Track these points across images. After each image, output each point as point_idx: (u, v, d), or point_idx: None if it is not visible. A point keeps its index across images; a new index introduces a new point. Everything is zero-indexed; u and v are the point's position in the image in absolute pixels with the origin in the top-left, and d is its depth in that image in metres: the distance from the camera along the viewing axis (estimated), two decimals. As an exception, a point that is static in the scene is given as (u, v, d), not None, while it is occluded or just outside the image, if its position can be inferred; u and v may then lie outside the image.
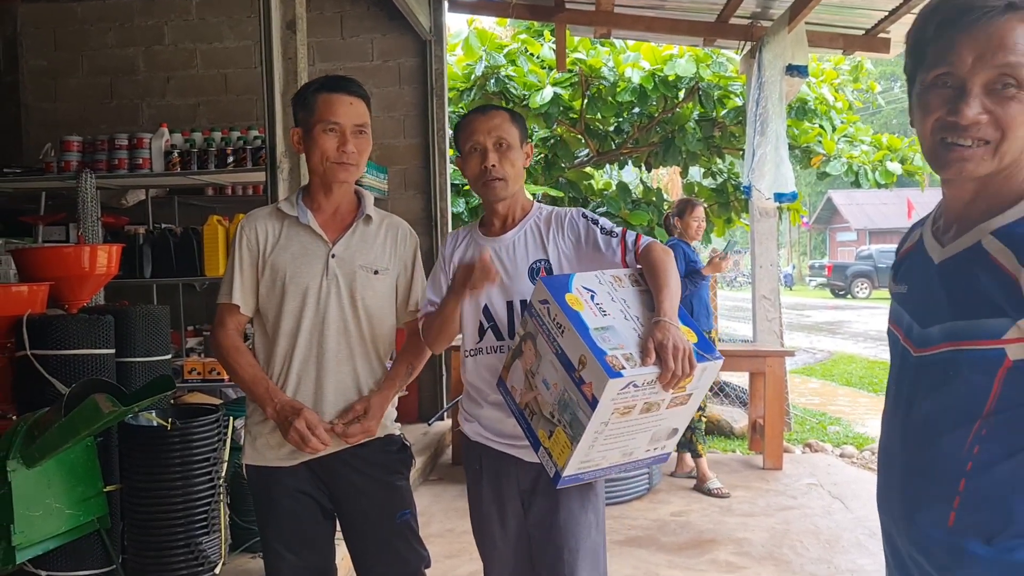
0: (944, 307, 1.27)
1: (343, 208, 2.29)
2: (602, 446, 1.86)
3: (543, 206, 2.28)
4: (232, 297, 2.24)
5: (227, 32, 6.57)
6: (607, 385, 1.72)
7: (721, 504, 4.95)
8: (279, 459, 2.24)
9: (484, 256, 2.09)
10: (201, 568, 2.99)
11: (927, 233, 1.37)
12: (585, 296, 1.91)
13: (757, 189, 5.94)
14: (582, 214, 2.20)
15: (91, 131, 5.07)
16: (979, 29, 1.19)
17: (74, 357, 2.98)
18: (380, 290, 2.27)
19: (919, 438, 1.29)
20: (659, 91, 8.40)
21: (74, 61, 6.67)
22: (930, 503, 1.26)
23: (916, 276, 1.37)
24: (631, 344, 1.83)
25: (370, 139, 2.26)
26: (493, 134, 2.17)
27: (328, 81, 2.28)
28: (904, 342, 1.36)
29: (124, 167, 4.61)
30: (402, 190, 6.70)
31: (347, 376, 2.23)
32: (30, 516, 2.63)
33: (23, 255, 3.50)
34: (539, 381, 1.91)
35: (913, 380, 1.32)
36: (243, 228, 2.27)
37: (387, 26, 6.64)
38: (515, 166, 2.20)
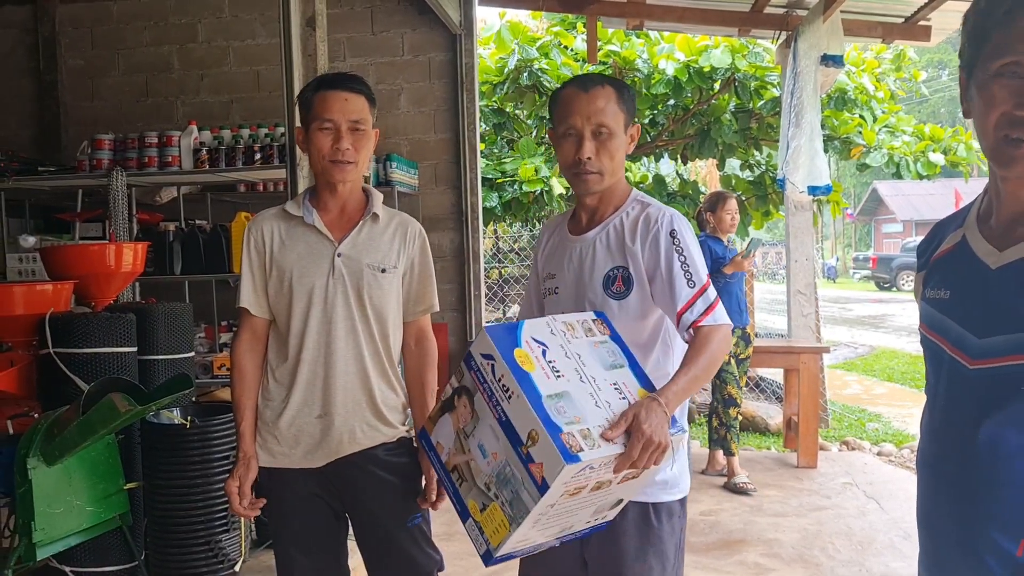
0: (1008, 316, 1.19)
1: (350, 207, 2.26)
2: (543, 526, 1.67)
3: (639, 198, 2.02)
4: (244, 301, 2.24)
5: (259, 29, 6.61)
6: (562, 471, 1.52)
7: (752, 503, 4.88)
8: (291, 461, 2.23)
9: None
10: (221, 565, 3.01)
11: (974, 235, 1.28)
12: (536, 352, 1.70)
13: (791, 182, 5.83)
14: (670, 232, 1.91)
15: (127, 129, 5.14)
16: None
17: (96, 355, 3.01)
18: (387, 288, 2.24)
19: (981, 458, 1.21)
20: (694, 83, 8.28)
21: (111, 60, 6.76)
22: (999, 530, 1.18)
23: (962, 281, 1.29)
24: (588, 415, 1.63)
25: (370, 135, 2.21)
26: (593, 120, 1.91)
27: (325, 78, 2.25)
28: (954, 353, 1.27)
29: (154, 165, 4.66)
30: (432, 185, 6.68)
31: (356, 376, 2.21)
32: (51, 513, 2.66)
33: (50, 253, 3.55)
34: (474, 445, 1.69)
35: (971, 395, 1.24)
36: (250, 231, 2.26)
37: (417, 21, 6.62)
38: (614, 158, 1.95)
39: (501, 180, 8.43)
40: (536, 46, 8.55)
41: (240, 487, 2.21)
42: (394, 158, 5.99)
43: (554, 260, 2.09)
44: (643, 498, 1.89)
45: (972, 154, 8.84)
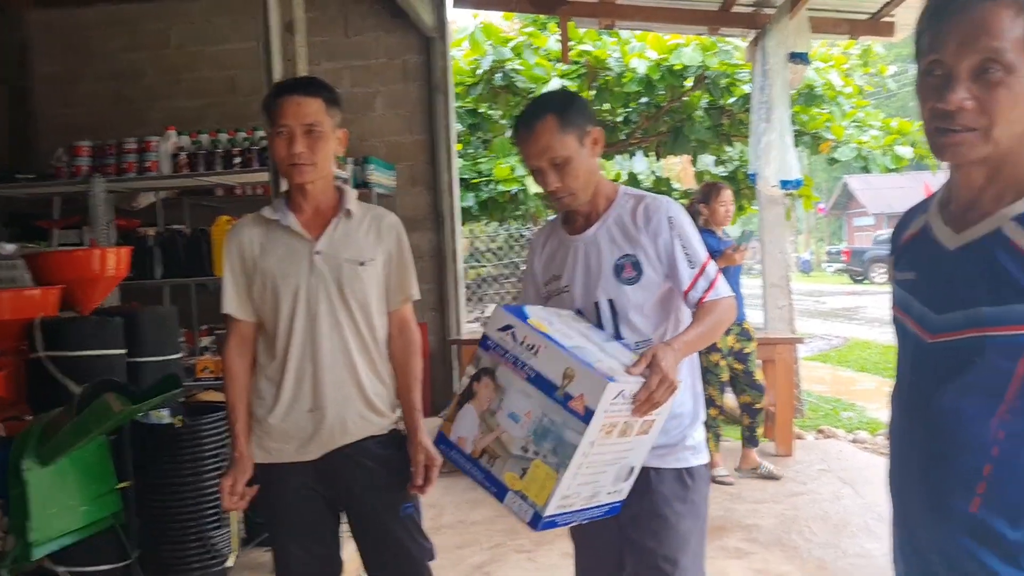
0: (964, 293, 1.28)
1: (324, 206, 2.32)
2: (582, 477, 1.76)
3: (630, 193, 2.14)
4: (227, 307, 2.30)
5: (232, 34, 6.63)
6: (605, 389, 1.66)
7: (732, 491, 4.98)
8: (285, 456, 2.29)
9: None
10: (213, 561, 3.07)
11: (936, 220, 1.38)
12: (545, 322, 1.85)
13: (763, 177, 5.94)
14: (669, 219, 2.05)
15: (102, 135, 5.15)
16: (963, 15, 1.21)
17: (86, 358, 3.05)
18: (368, 281, 2.29)
19: (941, 425, 1.30)
20: (666, 80, 8.41)
21: (83, 66, 6.75)
22: (954, 488, 1.28)
23: (925, 263, 1.38)
24: (606, 361, 1.78)
25: (327, 136, 2.24)
26: (545, 156, 2.01)
27: (282, 83, 2.31)
28: (916, 329, 1.37)
29: (133, 170, 4.69)
30: (410, 186, 6.74)
31: (344, 368, 2.27)
32: (46, 513, 2.70)
33: (35, 260, 3.58)
34: (502, 418, 1.79)
35: (930, 367, 1.33)
36: (230, 238, 2.33)
37: (391, 24, 6.67)
38: (579, 176, 2.04)
39: (477, 180, 8.52)
40: (509, 47, 8.64)
41: (234, 484, 2.27)
42: (371, 160, 6.04)
43: (555, 262, 2.17)
44: (677, 464, 2.08)
45: (934, 149, 9.04)
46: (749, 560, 3.93)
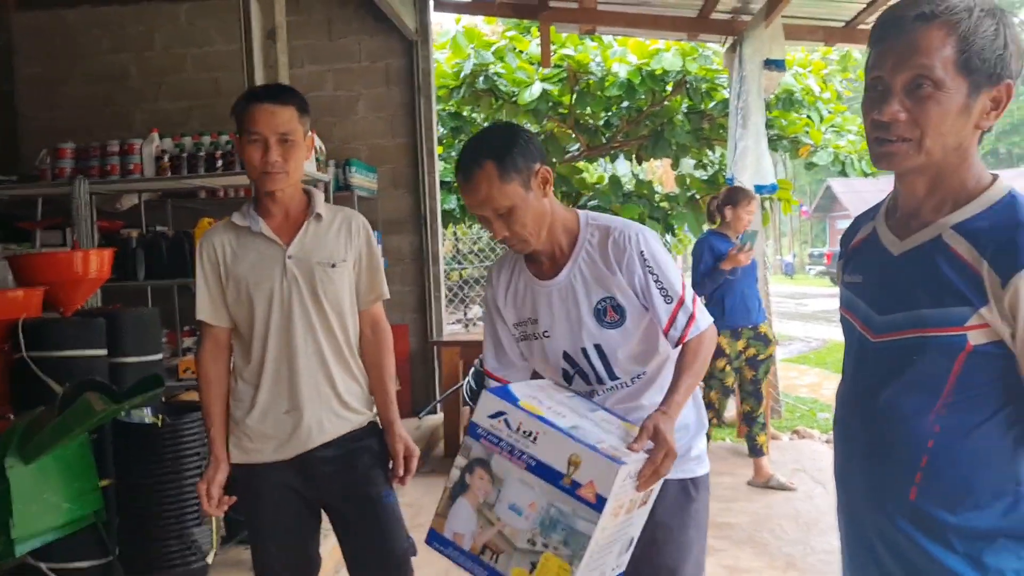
0: (906, 296, 1.36)
1: (293, 210, 2.35)
2: (594, 563, 1.67)
3: (593, 223, 2.00)
4: (201, 314, 2.35)
5: (217, 37, 6.68)
6: (616, 474, 1.59)
7: (706, 490, 5.07)
8: (264, 456, 2.34)
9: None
10: (193, 558, 3.12)
11: (882, 227, 1.47)
12: (536, 402, 1.77)
13: (739, 181, 6.04)
14: (640, 254, 1.93)
15: (86, 138, 5.18)
16: (900, 37, 1.31)
17: (68, 359, 3.10)
18: (339, 282, 2.34)
19: (882, 419, 1.39)
20: (646, 85, 8.50)
21: (68, 69, 6.79)
22: (894, 478, 1.37)
23: (871, 267, 1.47)
24: (605, 439, 1.72)
25: (299, 144, 2.26)
26: (488, 206, 1.88)
27: (254, 91, 2.33)
28: (861, 329, 1.46)
29: (116, 172, 4.72)
30: (392, 189, 6.81)
31: (319, 370, 2.33)
32: (28, 510, 2.75)
33: (18, 261, 3.63)
34: (503, 510, 1.69)
35: (873, 365, 1.42)
36: (202, 246, 2.36)
37: (374, 28, 6.75)
38: (527, 223, 1.90)
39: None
40: (491, 50, 8.71)
41: (209, 488, 2.32)
42: (353, 162, 6.11)
43: (528, 305, 2.06)
44: (682, 475, 2.01)
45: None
46: (719, 557, 4.02)
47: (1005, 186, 1.34)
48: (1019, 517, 1.29)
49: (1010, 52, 1.29)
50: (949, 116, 1.30)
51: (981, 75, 1.28)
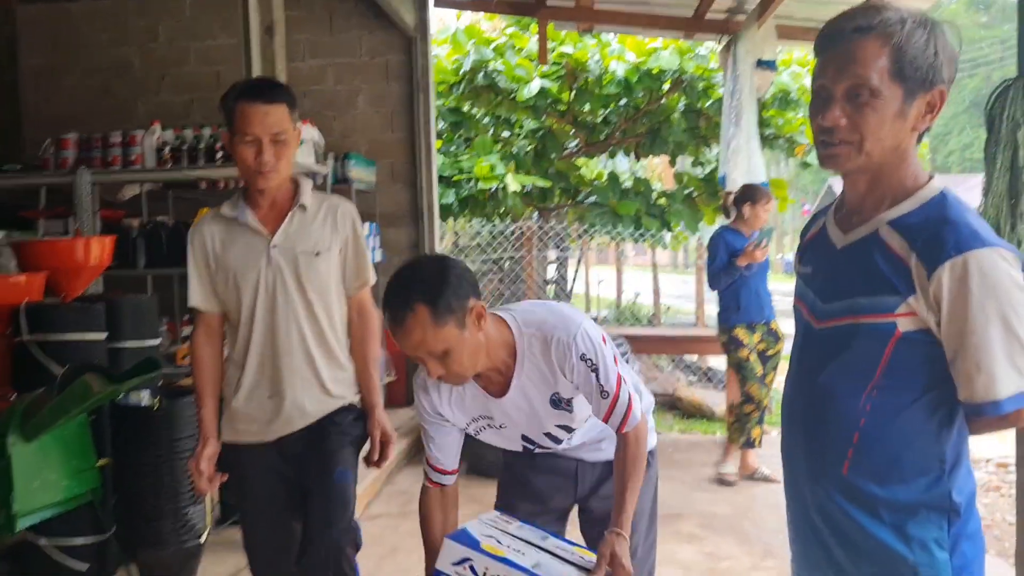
0: (845, 286, 1.47)
1: (280, 200, 2.42)
2: None
3: (529, 331, 1.95)
4: (193, 300, 2.44)
5: (219, 30, 6.78)
6: None
7: (691, 482, 5.18)
8: (250, 437, 2.45)
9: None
10: (188, 536, 3.23)
11: (830, 222, 1.57)
12: (494, 543, 1.82)
13: (731, 179, 6.13)
14: (581, 357, 1.91)
15: (89, 128, 5.27)
16: (840, 47, 1.41)
17: (68, 342, 3.20)
18: (323, 270, 2.41)
19: (820, 399, 1.49)
20: (644, 83, 8.62)
21: (71, 60, 6.89)
22: (830, 454, 1.47)
23: (819, 259, 1.57)
24: (566, 569, 1.81)
25: (291, 141, 2.33)
26: (422, 349, 1.81)
27: (246, 89, 2.34)
28: (808, 316, 1.56)
29: (118, 163, 4.82)
30: (390, 183, 6.91)
31: (301, 357, 2.41)
32: (29, 487, 2.85)
33: (22, 248, 3.73)
34: None
35: (815, 349, 1.52)
36: (192, 236, 2.44)
37: (374, 23, 6.84)
38: (463, 360, 1.84)
39: (458, 177, 8.69)
40: (491, 47, 8.82)
41: (198, 464, 2.43)
42: (352, 156, 6.20)
43: (479, 407, 2.04)
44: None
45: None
46: (701, 544, 4.13)
47: (938, 186, 1.44)
48: (941, 491, 1.39)
49: (941, 60, 1.38)
50: (886, 121, 1.40)
51: (915, 82, 1.38)
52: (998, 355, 1.32)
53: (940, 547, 1.39)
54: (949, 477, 1.40)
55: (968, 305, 1.32)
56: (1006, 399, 1.32)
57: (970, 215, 1.38)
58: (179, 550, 3.23)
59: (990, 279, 1.31)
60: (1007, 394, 1.32)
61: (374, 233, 6.57)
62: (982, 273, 1.31)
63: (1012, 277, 1.32)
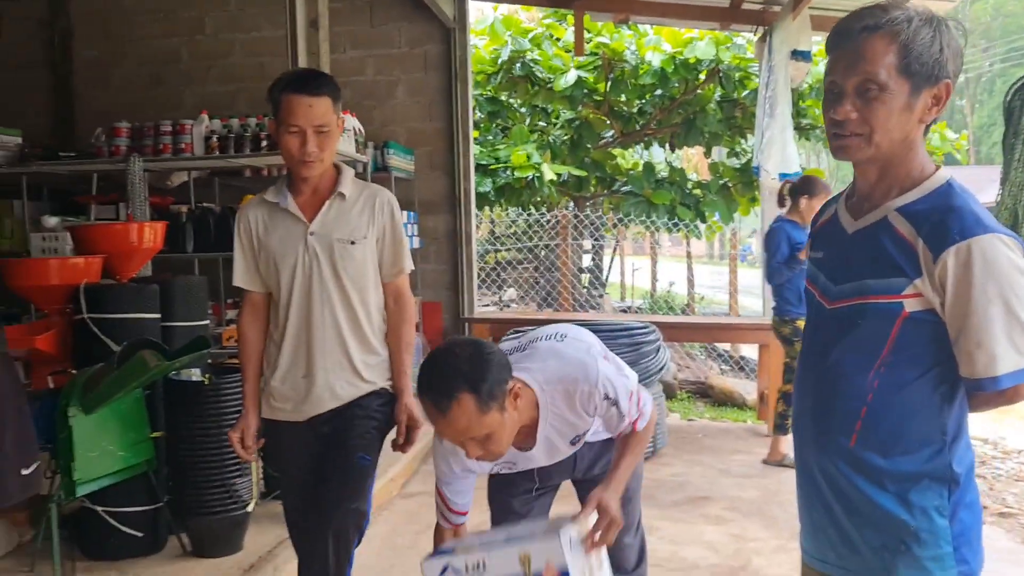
0: (855, 268, 1.56)
1: (321, 187, 2.49)
2: None
3: (550, 389, 2.02)
4: (237, 280, 2.54)
5: (264, 22, 6.96)
6: (560, 542, 1.79)
7: (721, 467, 5.27)
8: (285, 415, 2.54)
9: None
10: (235, 506, 3.40)
11: (841, 209, 1.67)
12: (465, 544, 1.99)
13: (765, 169, 6.18)
14: (605, 397, 2.03)
15: (138, 117, 5.47)
16: (849, 45, 1.50)
17: (124, 320, 3.39)
18: (359, 258, 2.47)
19: (830, 375, 1.59)
20: (680, 73, 8.65)
21: (122, 51, 7.11)
22: (838, 427, 1.57)
23: (831, 244, 1.67)
24: (538, 526, 1.97)
25: (334, 133, 2.40)
26: (466, 436, 1.85)
27: (292, 81, 2.40)
28: (820, 298, 1.65)
29: (168, 151, 5.01)
30: (428, 171, 7.05)
31: (334, 340, 2.48)
32: (88, 456, 3.05)
33: (79, 232, 3.93)
34: None
35: (827, 329, 1.62)
36: (239, 218, 2.54)
37: (413, 15, 6.97)
38: (503, 440, 1.90)
39: (495, 166, 8.81)
40: (528, 38, 8.91)
41: (241, 438, 2.54)
42: (391, 145, 6.35)
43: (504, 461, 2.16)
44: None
45: (947, 144, 9.21)
46: (728, 527, 4.22)
47: (944, 175, 1.53)
48: (942, 462, 1.49)
49: (946, 56, 1.47)
50: (894, 114, 1.49)
51: (921, 77, 1.47)
52: (998, 334, 1.41)
53: (940, 514, 1.48)
54: (950, 449, 1.49)
55: (971, 287, 1.41)
56: (1004, 375, 1.41)
57: (974, 203, 1.47)
58: (226, 518, 3.41)
59: (992, 263, 1.40)
60: (1005, 370, 1.41)
61: (412, 221, 6.73)
62: (984, 258, 1.40)
63: (1013, 262, 1.41)
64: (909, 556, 1.48)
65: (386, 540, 4.08)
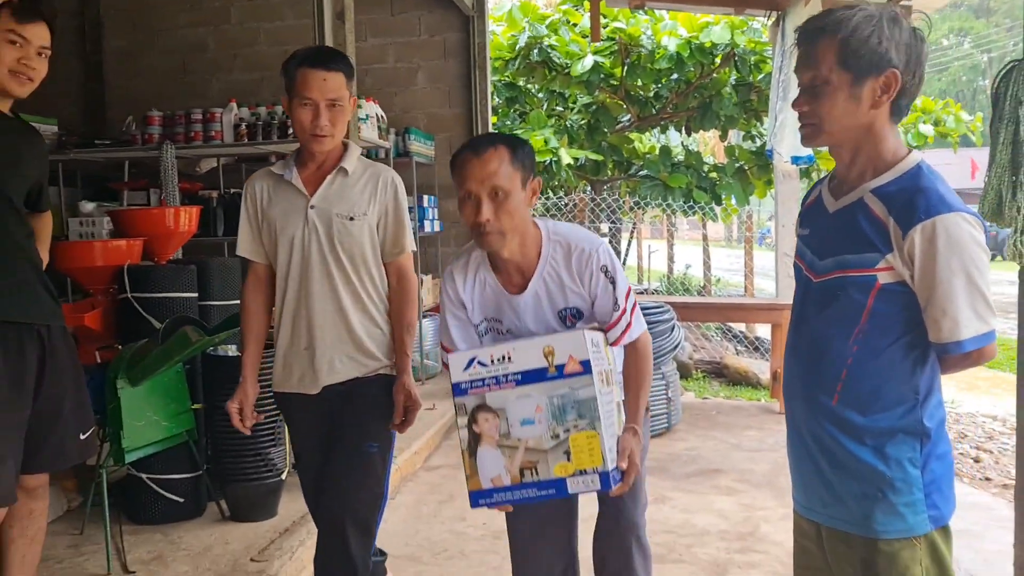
0: (835, 245, 1.73)
1: (327, 163, 2.49)
2: (609, 428, 1.90)
3: (555, 238, 2.14)
4: (241, 249, 2.57)
5: (287, 11, 7.14)
6: (584, 337, 1.87)
7: (733, 441, 5.44)
8: (290, 387, 2.56)
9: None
10: (269, 474, 3.61)
11: (824, 190, 1.83)
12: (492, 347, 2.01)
13: (778, 152, 6.30)
14: (602, 269, 2.11)
15: (166, 105, 5.68)
16: (803, 46, 1.69)
17: (165, 299, 3.61)
18: (356, 234, 2.46)
19: (816, 342, 1.76)
20: (695, 58, 8.77)
21: (150, 41, 7.32)
22: (822, 388, 1.73)
23: (815, 222, 1.83)
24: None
25: (346, 109, 2.40)
26: (488, 183, 2.00)
27: (307, 56, 2.41)
28: (807, 272, 1.82)
29: (199, 139, 5.22)
30: (448, 156, 7.12)
31: (334, 313, 2.48)
32: (135, 425, 3.26)
33: (119, 215, 4.15)
34: (518, 431, 1.89)
35: (812, 300, 1.79)
36: (245, 189, 2.56)
37: (433, 3, 7.13)
38: (514, 216, 2.04)
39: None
40: (545, 24, 9.05)
41: (239, 408, 2.54)
42: (412, 131, 6.53)
43: (492, 307, 2.20)
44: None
45: (961, 125, 9.29)
46: (739, 497, 4.40)
47: (915, 158, 1.69)
48: (914, 418, 1.66)
49: (886, 47, 1.62)
50: (838, 104, 1.66)
51: (861, 68, 1.63)
52: (961, 303, 1.57)
53: (913, 465, 1.65)
54: (922, 407, 1.66)
55: (936, 261, 1.57)
56: (967, 339, 1.57)
57: (941, 185, 1.63)
58: (261, 485, 3.61)
59: (955, 239, 1.56)
60: (968, 335, 1.57)
61: (432, 204, 6.91)
62: (948, 234, 1.56)
63: (974, 237, 1.57)
64: (886, 503, 1.65)
65: (411, 509, 4.29)
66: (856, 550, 1.70)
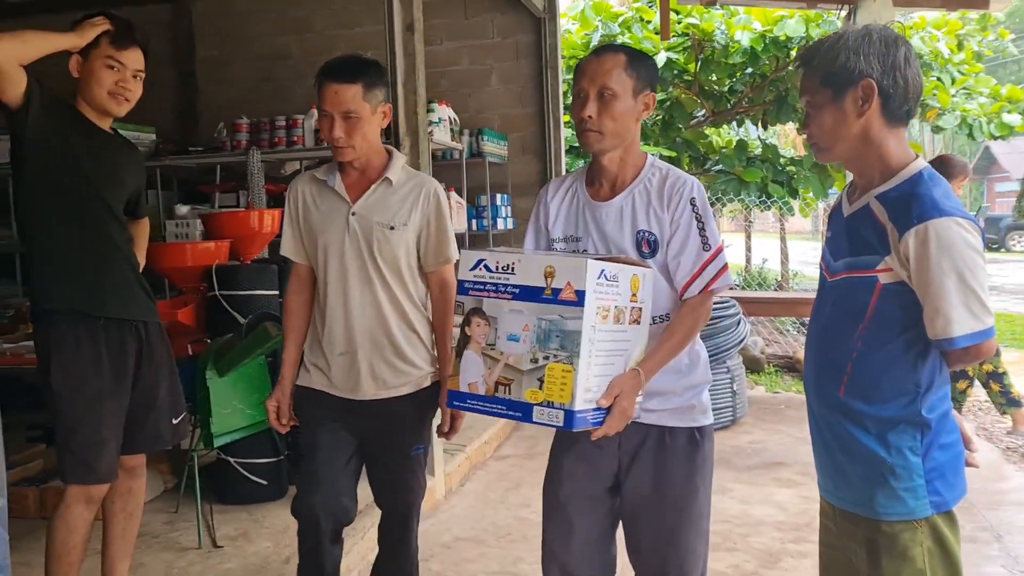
0: (846, 247, 1.87)
1: (370, 171, 2.53)
2: (596, 368, 1.84)
3: (657, 165, 2.15)
4: (284, 250, 2.61)
5: (365, 19, 7.40)
6: (587, 267, 1.78)
7: (798, 435, 5.49)
8: (323, 386, 2.57)
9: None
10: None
11: (844, 196, 1.98)
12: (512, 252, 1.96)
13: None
14: (691, 200, 2.08)
15: (253, 111, 6.01)
16: (799, 73, 1.87)
17: (249, 297, 3.90)
18: (396, 243, 2.49)
19: (827, 338, 1.91)
20: (770, 51, 8.74)
21: (238, 50, 7.70)
22: (831, 380, 1.87)
23: (836, 226, 1.97)
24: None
25: (364, 119, 2.41)
26: (598, 81, 2.03)
27: (327, 68, 2.48)
28: (825, 272, 1.97)
29: (282, 144, 5.55)
30: (520, 155, 7.42)
31: (374, 319, 2.51)
32: (222, 412, 3.55)
33: (208, 218, 4.48)
34: (503, 344, 1.85)
35: (827, 298, 1.93)
36: (290, 190, 2.61)
37: (505, 6, 7.31)
38: (617, 120, 2.05)
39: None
40: (618, 22, 9.14)
41: (277, 406, 2.62)
42: (485, 132, 6.75)
43: (572, 222, 2.18)
44: (688, 423, 2.16)
45: None
46: (799, 489, 4.48)
47: (919, 165, 1.81)
48: (914, 409, 1.77)
49: (853, 60, 1.75)
50: (827, 117, 1.80)
51: (836, 84, 1.77)
52: (953, 302, 1.67)
53: (914, 453, 1.76)
54: (923, 399, 1.77)
55: (928, 263, 1.68)
56: (959, 336, 1.68)
57: (936, 190, 1.73)
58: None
59: (946, 242, 1.67)
60: (961, 332, 1.68)
61: (506, 203, 7.11)
62: (939, 237, 1.67)
63: (965, 239, 1.68)
64: (887, 487, 1.77)
65: (479, 496, 4.51)
66: (861, 529, 1.83)
